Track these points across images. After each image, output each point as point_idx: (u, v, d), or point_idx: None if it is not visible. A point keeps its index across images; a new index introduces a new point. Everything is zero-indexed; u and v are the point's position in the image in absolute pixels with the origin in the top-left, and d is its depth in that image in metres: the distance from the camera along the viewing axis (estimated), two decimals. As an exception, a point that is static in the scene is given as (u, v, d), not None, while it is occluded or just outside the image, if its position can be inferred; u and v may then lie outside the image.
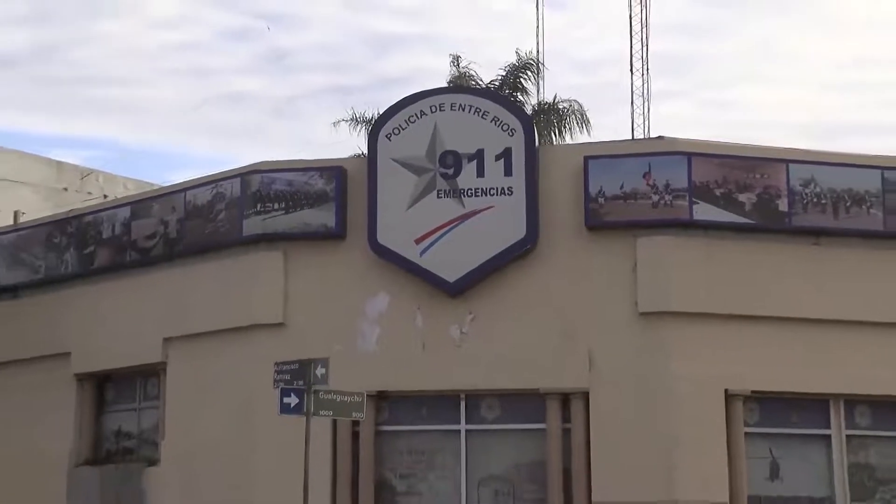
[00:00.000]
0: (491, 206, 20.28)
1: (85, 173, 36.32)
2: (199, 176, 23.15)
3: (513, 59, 28.18)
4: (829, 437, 20.84)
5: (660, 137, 22.02)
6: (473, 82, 27.75)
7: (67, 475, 23.06)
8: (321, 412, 17.09)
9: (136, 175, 40.55)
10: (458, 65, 28.01)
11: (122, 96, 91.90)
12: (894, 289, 20.60)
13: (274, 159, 21.79)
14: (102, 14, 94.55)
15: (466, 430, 20.50)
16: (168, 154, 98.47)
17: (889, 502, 20.99)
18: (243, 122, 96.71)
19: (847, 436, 20.87)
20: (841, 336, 20.35)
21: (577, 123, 27.85)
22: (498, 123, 20.67)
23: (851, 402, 20.93)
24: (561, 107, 27.04)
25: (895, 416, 21.18)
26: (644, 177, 20.20)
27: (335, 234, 20.85)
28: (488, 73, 27.71)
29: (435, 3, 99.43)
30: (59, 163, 36.53)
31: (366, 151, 21.47)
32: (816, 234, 20.77)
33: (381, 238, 20.41)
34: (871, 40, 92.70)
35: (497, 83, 27.12)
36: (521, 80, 27.35)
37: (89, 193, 33.36)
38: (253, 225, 21.17)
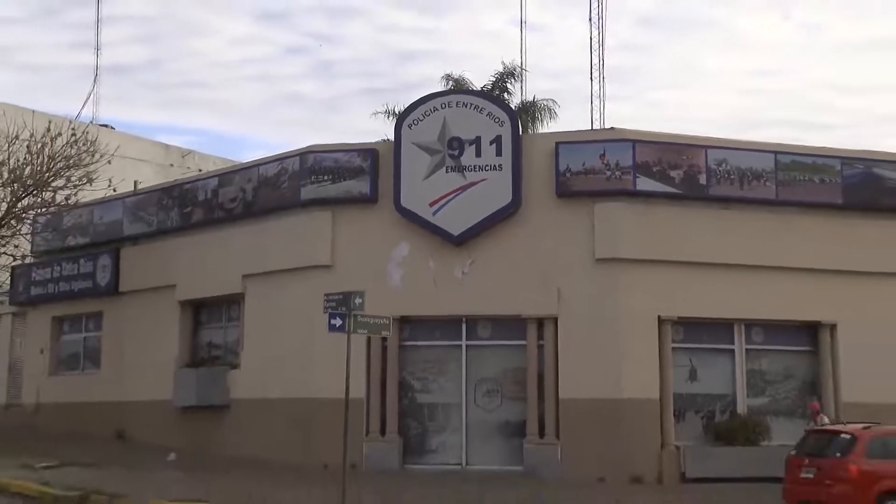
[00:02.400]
0: (485, 179, 19.99)
1: (185, 153, 35.97)
2: (268, 155, 22.85)
3: (500, 68, 27.52)
4: (733, 350, 20.80)
5: (612, 128, 21.76)
6: (467, 86, 26.91)
7: (174, 374, 22.91)
8: (359, 331, 16.79)
9: (222, 154, 40.51)
10: (453, 80, 27.02)
11: (212, 96, 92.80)
12: (783, 242, 20.37)
13: (324, 143, 21.49)
14: (196, 35, 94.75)
15: (466, 345, 20.39)
16: (245, 139, 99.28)
17: (774, 397, 21.00)
18: (300, 116, 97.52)
19: (746, 349, 20.86)
20: (743, 276, 20.17)
21: (547, 117, 27.15)
22: (491, 117, 20.43)
23: (749, 325, 20.85)
24: (539, 105, 26.34)
25: (781, 335, 21.14)
26: (600, 157, 19.94)
27: (369, 199, 20.54)
28: (481, 78, 27.13)
29: (442, 26, 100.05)
30: (167, 145, 36.18)
31: (392, 137, 20.91)
32: (727, 201, 20.54)
33: (404, 202, 20.16)
34: (764, 57, 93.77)
35: (489, 86, 26.35)
36: (507, 83, 26.68)
37: (188, 168, 33.02)
38: (308, 191, 20.89)
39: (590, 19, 36.46)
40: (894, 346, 20.54)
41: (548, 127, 26.68)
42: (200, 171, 29.15)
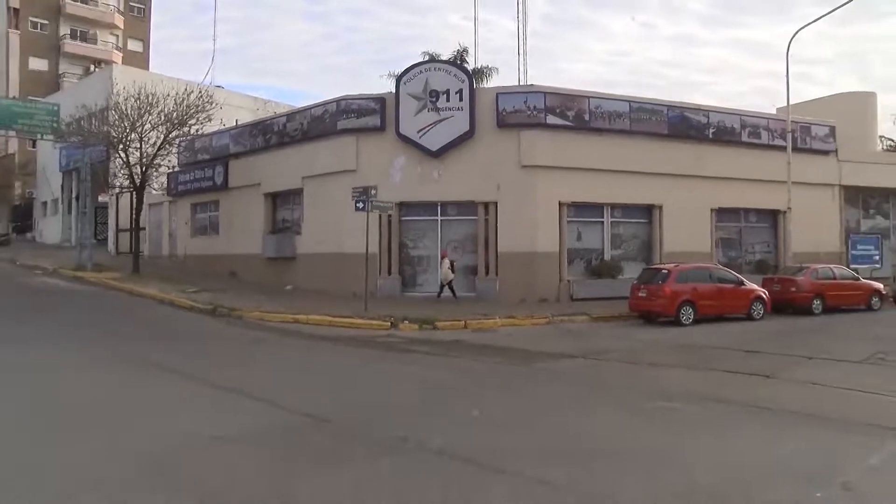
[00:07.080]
0: (452, 116, 17.90)
1: (266, 102, 32.80)
2: (316, 102, 20.46)
3: (458, 47, 24.44)
4: (602, 222, 19.17)
5: (531, 85, 19.49)
6: (439, 58, 23.48)
7: (262, 237, 21.14)
8: (374, 211, 15.29)
9: (288, 102, 37.87)
10: (430, 55, 23.63)
11: (280, 66, 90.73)
12: (633, 156, 18.85)
13: (350, 94, 19.07)
14: (267, 30, 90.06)
15: (441, 220, 18.56)
16: (301, 92, 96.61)
17: (626, 250, 19.42)
18: (336, 78, 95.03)
19: (610, 221, 19.24)
20: (609, 177, 18.57)
21: (490, 77, 24.12)
22: (456, 76, 18.20)
23: (612, 206, 19.18)
24: (485, 70, 23.39)
25: (631, 212, 19.41)
26: (524, 103, 17.93)
27: (379, 129, 18.38)
28: (448, 53, 24.03)
29: (425, 21, 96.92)
30: (255, 97, 33.01)
31: (393, 90, 18.54)
32: (601, 131, 18.63)
33: (401, 130, 18.10)
34: (619, 43, 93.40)
35: (453, 57, 23.25)
36: (464, 56, 23.72)
37: (268, 111, 29.67)
38: (342, 124, 18.73)
39: (517, 17, 33.27)
40: (694, 219, 19.71)
41: (491, 83, 24.00)
42: (275, 113, 26.32)
